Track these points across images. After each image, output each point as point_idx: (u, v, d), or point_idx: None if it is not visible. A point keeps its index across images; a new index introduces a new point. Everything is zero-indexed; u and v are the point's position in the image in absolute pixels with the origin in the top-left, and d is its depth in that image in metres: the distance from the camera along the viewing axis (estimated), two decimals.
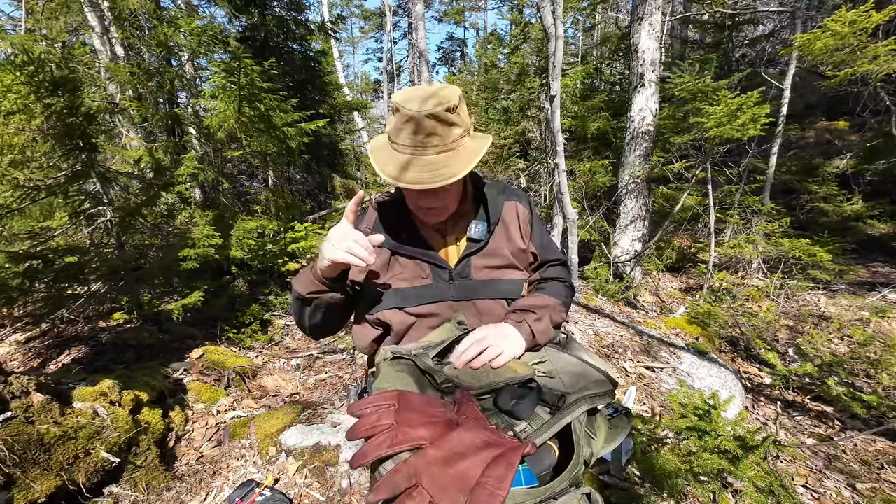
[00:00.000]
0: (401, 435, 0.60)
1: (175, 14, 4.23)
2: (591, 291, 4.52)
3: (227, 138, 3.89)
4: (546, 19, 3.72)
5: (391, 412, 0.64)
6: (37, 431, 1.46)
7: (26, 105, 2.27)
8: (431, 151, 0.83)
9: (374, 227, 1.00)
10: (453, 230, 1.00)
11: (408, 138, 0.83)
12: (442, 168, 0.82)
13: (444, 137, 0.83)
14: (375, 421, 0.63)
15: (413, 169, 0.82)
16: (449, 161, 0.83)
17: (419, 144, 0.82)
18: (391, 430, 0.61)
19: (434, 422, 0.64)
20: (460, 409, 0.69)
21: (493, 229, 0.98)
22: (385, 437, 0.60)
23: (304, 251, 3.73)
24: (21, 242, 2.74)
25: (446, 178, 0.81)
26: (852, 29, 3.55)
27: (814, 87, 6.70)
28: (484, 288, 0.96)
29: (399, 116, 0.82)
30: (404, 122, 0.81)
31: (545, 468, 0.83)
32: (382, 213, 1.01)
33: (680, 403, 1.84)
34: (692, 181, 4.86)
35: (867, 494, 1.91)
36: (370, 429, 0.61)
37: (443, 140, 0.83)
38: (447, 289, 0.95)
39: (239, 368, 2.67)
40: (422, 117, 0.79)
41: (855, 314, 3.97)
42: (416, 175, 0.82)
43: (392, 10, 18.58)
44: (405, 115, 0.80)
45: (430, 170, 0.82)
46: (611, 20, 12.54)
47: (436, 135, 0.82)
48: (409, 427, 0.61)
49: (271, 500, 1.64)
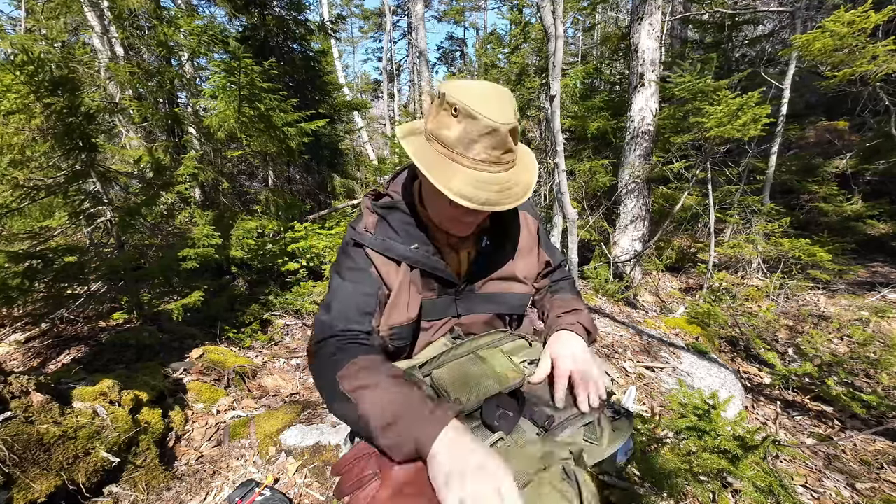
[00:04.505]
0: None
1: (175, 14, 4.23)
2: (591, 291, 4.52)
3: (227, 138, 3.89)
4: (546, 19, 3.72)
5: (373, 459, 0.65)
6: (36, 431, 1.46)
7: (26, 105, 2.27)
8: (506, 168, 0.72)
9: (378, 232, 0.86)
10: (465, 243, 0.93)
11: (484, 153, 0.69)
12: (514, 186, 0.72)
13: (516, 154, 0.74)
14: (360, 472, 0.64)
15: (487, 189, 0.70)
16: (518, 178, 0.74)
17: (495, 161, 0.71)
18: (376, 478, 0.63)
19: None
20: None
21: (504, 242, 0.94)
22: (373, 487, 0.62)
23: (304, 251, 3.73)
24: (21, 242, 2.74)
25: (518, 199, 0.72)
26: (851, 29, 3.55)
27: (814, 87, 6.69)
28: (489, 301, 0.95)
29: (472, 125, 0.68)
30: (482, 133, 0.68)
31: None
32: (387, 217, 0.88)
33: (680, 403, 1.85)
34: (692, 181, 4.86)
35: (867, 494, 1.91)
36: (357, 482, 0.63)
37: (514, 155, 0.74)
38: (451, 304, 0.92)
39: (239, 368, 2.67)
40: (506, 131, 0.68)
41: (855, 314, 3.97)
42: (492, 196, 0.70)
43: (392, 9, 18.56)
44: (485, 126, 0.67)
45: (501, 188, 0.71)
46: (611, 20, 12.54)
47: (512, 150, 0.72)
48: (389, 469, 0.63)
49: (271, 499, 1.64)
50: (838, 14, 3.56)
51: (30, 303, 2.59)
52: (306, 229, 3.91)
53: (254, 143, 3.91)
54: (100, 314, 2.95)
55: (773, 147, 5.52)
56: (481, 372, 0.79)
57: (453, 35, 28.95)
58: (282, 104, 3.90)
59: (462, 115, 0.68)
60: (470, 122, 0.68)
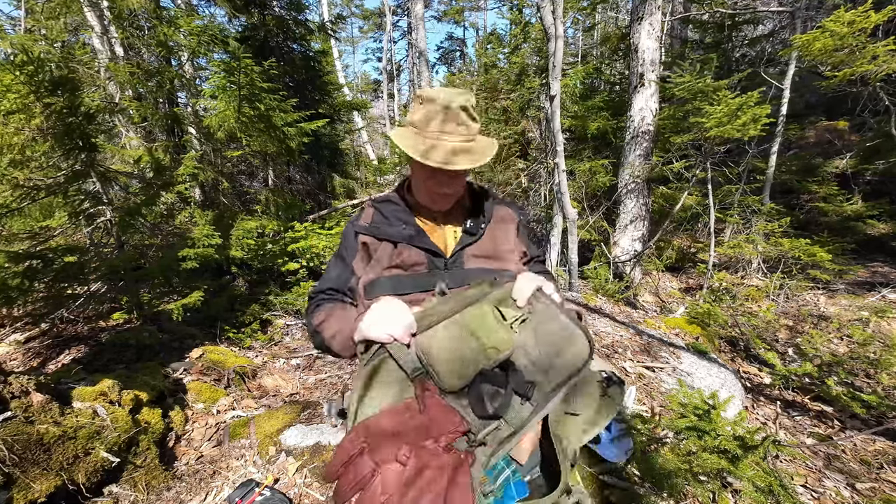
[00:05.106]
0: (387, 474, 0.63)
1: (175, 14, 4.23)
2: (591, 291, 4.52)
3: (227, 138, 3.89)
4: (546, 19, 3.72)
5: (365, 458, 0.65)
6: (36, 431, 1.46)
7: (26, 105, 2.27)
8: (458, 139, 0.92)
9: (373, 221, 1.06)
10: (448, 219, 1.08)
11: (438, 126, 0.92)
12: (470, 154, 0.92)
13: (469, 129, 0.94)
14: (356, 475, 0.64)
15: (440, 151, 0.91)
16: (473, 149, 0.93)
17: (449, 132, 0.92)
18: (375, 474, 0.63)
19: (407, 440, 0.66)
20: (425, 403, 0.71)
21: (486, 225, 1.05)
22: (377, 483, 0.62)
23: (304, 251, 3.73)
24: (21, 242, 2.74)
25: (473, 162, 0.91)
26: (851, 29, 3.54)
27: (814, 87, 6.69)
28: (477, 276, 0.98)
29: (431, 106, 0.91)
30: (437, 111, 0.91)
31: (533, 466, 0.83)
32: (380, 208, 1.07)
33: (680, 403, 1.84)
34: (692, 181, 4.85)
35: (867, 494, 1.91)
36: (356, 485, 0.63)
37: (468, 131, 0.94)
38: (442, 277, 0.98)
39: (239, 368, 2.67)
40: (455, 108, 0.90)
41: (854, 314, 3.97)
42: (445, 157, 0.90)
43: (391, 9, 18.57)
44: (439, 105, 0.90)
45: (455, 153, 0.91)
46: (611, 20, 12.54)
47: (464, 125, 0.93)
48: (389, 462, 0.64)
49: (271, 499, 1.64)
50: (838, 14, 3.56)
51: (30, 303, 2.59)
52: (306, 229, 3.91)
53: (254, 143, 3.91)
54: (100, 314, 2.95)
55: (773, 147, 5.52)
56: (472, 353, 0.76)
57: (453, 35, 28.96)
58: (282, 104, 3.90)
59: (425, 100, 0.93)
60: (429, 104, 0.92)
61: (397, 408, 0.72)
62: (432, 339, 0.78)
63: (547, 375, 0.78)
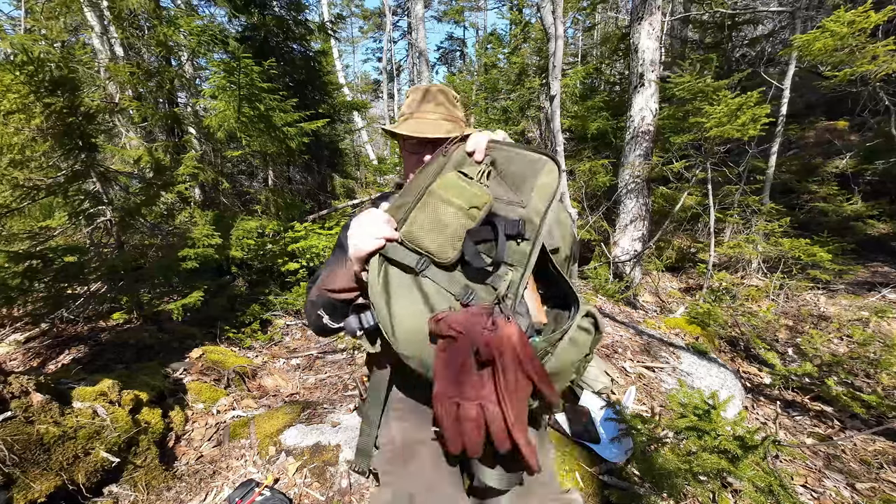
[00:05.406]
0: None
1: (175, 14, 4.23)
2: (590, 291, 4.52)
3: (227, 138, 3.89)
4: (546, 19, 3.73)
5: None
6: (36, 431, 1.46)
7: (26, 105, 2.27)
8: (433, 116, 0.98)
9: None
10: None
11: (416, 106, 0.99)
12: (440, 127, 0.96)
13: (449, 110, 1.00)
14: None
15: (411, 122, 0.98)
16: (448, 126, 0.97)
17: (425, 110, 0.99)
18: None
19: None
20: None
21: None
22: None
23: (304, 251, 3.73)
24: (21, 242, 2.74)
25: (446, 133, 0.93)
26: (851, 29, 3.54)
27: (814, 87, 6.69)
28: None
29: (414, 94, 1.01)
30: (418, 96, 1.00)
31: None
32: (379, 203, 1.13)
33: (679, 403, 1.84)
34: (692, 181, 4.86)
35: (867, 494, 1.91)
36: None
37: (448, 111, 0.99)
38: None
39: (239, 368, 2.67)
40: (434, 91, 1.00)
41: (855, 314, 3.97)
42: (416, 126, 0.96)
43: (392, 9, 18.57)
44: (419, 90, 1.00)
45: (427, 127, 0.96)
46: (611, 20, 12.54)
47: (442, 105, 0.99)
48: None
49: (271, 499, 1.64)
50: (838, 14, 3.56)
51: (30, 303, 2.59)
52: (306, 229, 3.91)
53: (254, 143, 3.91)
54: (100, 314, 2.95)
55: (773, 147, 5.52)
56: (454, 220, 0.76)
57: (453, 35, 28.98)
58: (282, 104, 3.89)
59: (411, 91, 1.04)
60: (412, 93, 1.03)
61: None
62: (413, 226, 0.79)
63: (530, 208, 0.80)
